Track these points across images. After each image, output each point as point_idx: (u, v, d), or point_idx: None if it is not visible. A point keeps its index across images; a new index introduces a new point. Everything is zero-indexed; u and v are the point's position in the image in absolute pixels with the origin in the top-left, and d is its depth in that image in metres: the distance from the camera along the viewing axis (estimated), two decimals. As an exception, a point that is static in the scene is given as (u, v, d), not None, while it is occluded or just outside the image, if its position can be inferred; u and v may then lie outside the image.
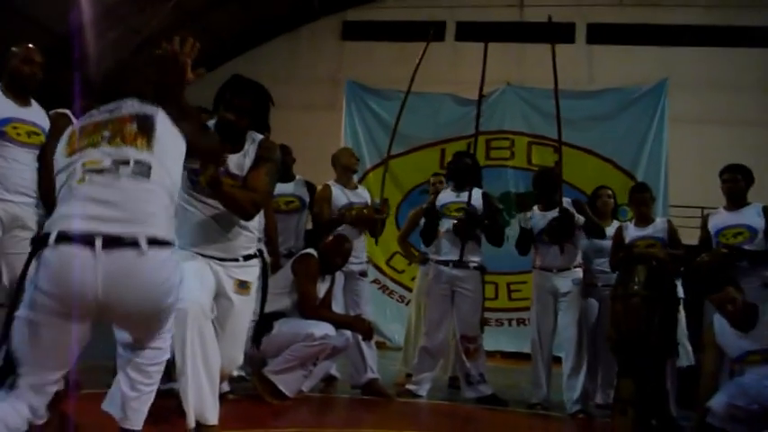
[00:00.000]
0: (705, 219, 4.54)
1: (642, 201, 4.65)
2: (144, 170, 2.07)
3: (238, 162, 2.77)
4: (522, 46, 11.56)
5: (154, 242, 1.99)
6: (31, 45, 3.47)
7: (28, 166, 3.39)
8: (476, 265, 4.79)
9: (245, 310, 2.87)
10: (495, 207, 5.03)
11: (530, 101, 8.33)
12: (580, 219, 4.64)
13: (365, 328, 4.41)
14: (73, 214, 1.98)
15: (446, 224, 4.81)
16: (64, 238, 1.93)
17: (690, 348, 5.18)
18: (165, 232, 2.06)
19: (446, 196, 4.94)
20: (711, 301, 3.83)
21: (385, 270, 8.10)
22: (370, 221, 4.82)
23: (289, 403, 3.93)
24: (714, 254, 4.17)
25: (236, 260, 2.79)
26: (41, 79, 3.44)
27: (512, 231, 7.71)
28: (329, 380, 4.85)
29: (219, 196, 2.66)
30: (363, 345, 4.62)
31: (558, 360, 4.77)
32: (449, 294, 4.79)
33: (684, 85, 10.08)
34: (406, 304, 8.38)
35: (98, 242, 1.91)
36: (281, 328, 4.03)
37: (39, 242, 1.98)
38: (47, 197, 3.44)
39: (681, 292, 4.71)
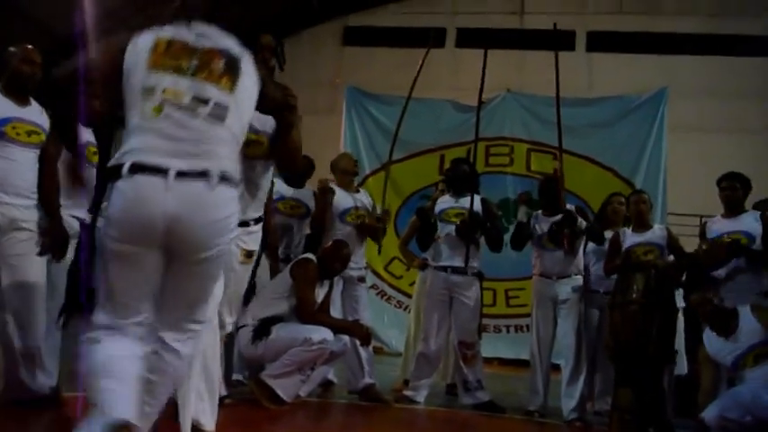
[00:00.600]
0: (703, 227, 4.55)
1: (639, 209, 4.65)
2: (221, 113, 2.09)
3: (259, 117, 2.65)
4: (522, 53, 11.60)
5: (223, 178, 2.04)
6: (30, 45, 3.46)
7: (28, 167, 3.38)
8: (474, 271, 4.79)
9: (246, 276, 3.01)
10: (494, 213, 5.05)
11: (529, 108, 8.35)
12: (582, 223, 4.66)
13: (363, 334, 4.40)
14: (147, 148, 2.01)
15: (445, 230, 4.81)
16: (138, 168, 1.98)
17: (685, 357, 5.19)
18: (233, 171, 2.09)
19: (444, 202, 4.95)
20: (691, 302, 3.85)
21: (383, 275, 8.10)
22: (372, 230, 4.83)
23: (286, 408, 3.91)
24: (716, 243, 4.17)
25: (248, 224, 2.82)
26: (41, 79, 3.42)
27: (509, 238, 7.74)
28: (327, 385, 4.85)
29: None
30: (361, 350, 4.62)
31: (556, 367, 4.77)
32: (447, 300, 4.79)
33: (684, 93, 10.10)
34: (404, 310, 8.38)
35: (171, 172, 1.97)
36: (279, 332, 4.02)
37: (110, 174, 2.03)
38: (48, 197, 3.45)
39: (680, 301, 4.71)
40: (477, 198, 4.84)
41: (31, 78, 3.41)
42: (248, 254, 2.95)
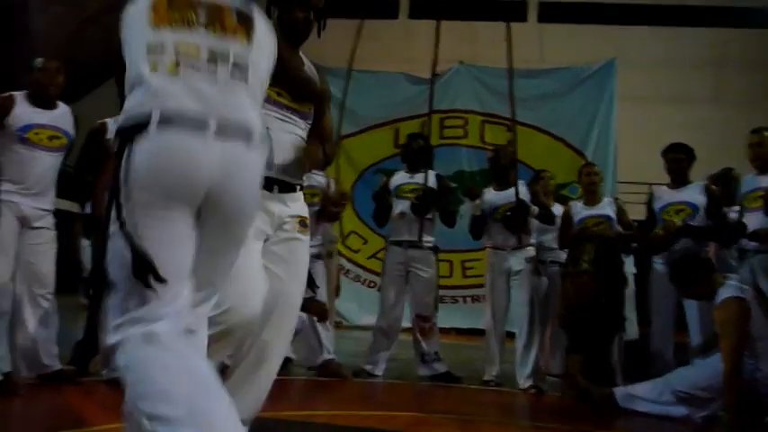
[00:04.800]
0: (650, 197, 4.68)
1: (591, 180, 4.75)
2: (242, 73, 1.79)
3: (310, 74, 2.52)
4: (474, 24, 11.60)
5: (256, 142, 1.75)
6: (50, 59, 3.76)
7: (50, 170, 3.69)
8: (430, 245, 4.84)
9: (307, 249, 2.58)
10: (448, 188, 5.09)
11: (482, 80, 8.40)
12: (534, 209, 4.72)
13: (319, 311, 4.42)
14: (175, 94, 1.65)
15: (400, 205, 4.83)
16: (169, 120, 1.62)
17: (635, 322, 5.37)
18: (262, 133, 1.79)
19: (400, 178, 4.96)
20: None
21: (341, 250, 8.12)
22: (331, 215, 4.80)
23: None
24: (667, 227, 4.29)
25: (294, 190, 2.50)
26: (63, 84, 3.77)
27: (465, 209, 7.82)
28: (285, 362, 4.85)
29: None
30: (318, 326, 4.64)
31: (510, 336, 4.87)
32: (404, 275, 4.83)
33: (634, 63, 10.27)
34: (362, 283, 8.45)
35: (211, 126, 1.64)
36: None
37: (132, 128, 1.63)
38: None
39: (631, 267, 4.86)
40: (432, 173, 4.86)
41: (48, 87, 3.70)
42: (302, 222, 2.52)
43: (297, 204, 2.52)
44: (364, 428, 3.17)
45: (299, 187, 2.52)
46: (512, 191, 4.67)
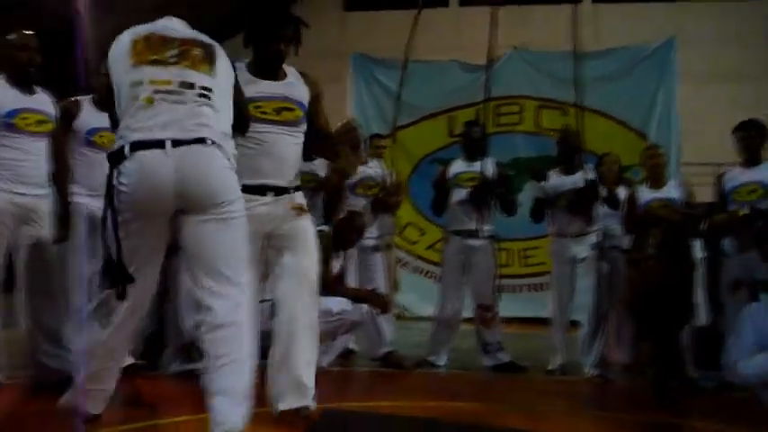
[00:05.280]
0: (719, 177, 4.50)
1: (655, 163, 4.60)
2: (206, 95, 2.32)
3: (286, 88, 2.95)
4: (526, 9, 11.37)
5: (215, 145, 2.27)
6: (26, 31, 3.46)
7: (40, 156, 3.43)
8: (489, 234, 4.78)
9: (310, 228, 2.96)
10: (507, 176, 5.02)
11: (536, 64, 8.25)
12: (602, 191, 4.61)
13: (381, 302, 4.42)
14: (143, 127, 2.22)
15: (458, 194, 4.79)
16: (138, 146, 2.20)
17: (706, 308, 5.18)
18: (224, 146, 2.31)
19: (457, 166, 4.91)
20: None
21: (398, 242, 8.12)
22: (386, 206, 4.83)
23: (323, 377, 3.96)
24: (731, 215, 4.13)
25: (288, 191, 2.91)
26: (41, 64, 3.46)
27: (523, 197, 7.71)
28: (348, 354, 4.90)
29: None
30: (380, 318, 4.66)
31: (574, 324, 4.78)
32: (463, 265, 4.79)
33: (693, 41, 9.89)
34: (421, 274, 8.43)
35: (168, 143, 2.19)
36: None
37: (113, 158, 2.24)
38: (61, 183, 3.49)
39: (700, 252, 4.69)
40: (490, 161, 4.80)
41: (29, 65, 3.42)
42: (297, 207, 2.93)
43: (290, 197, 2.92)
44: (429, 419, 3.15)
45: (293, 189, 2.93)
46: (578, 175, 4.57)
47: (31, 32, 3.44)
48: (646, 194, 4.53)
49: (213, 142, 2.26)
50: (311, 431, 2.63)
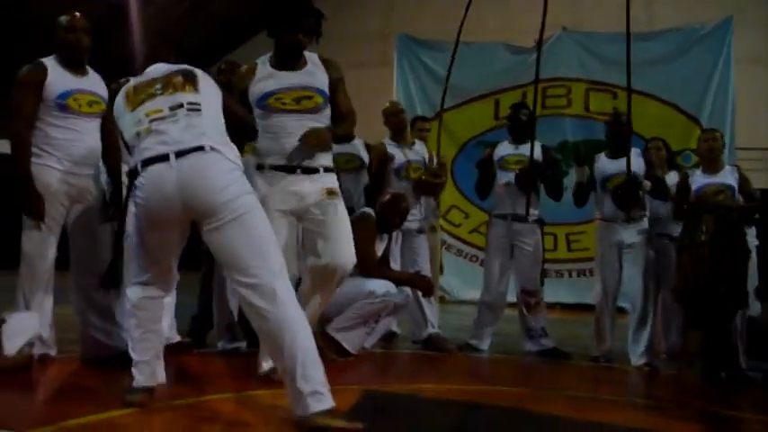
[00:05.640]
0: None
1: (711, 147, 4.46)
2: (196, 107, 2.58)
3: (304, 77, 3.15)
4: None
5: (214, 149, 2.48)
6: (75, 12, 3.52)
7: (92, 136, 3.49)
8: (535, 218, 4.72)
9: (343, 211, 3.18)
10: (554, 160, 4.94)
11: (586, 46, 8.09)
12: (647, 184, 4.48)
13: (425, 285, 4.42)
14: (148, 147, 2.51)
15: (505, 178, 4.73)
16: (147, 162, 2.48)
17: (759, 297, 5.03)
18: (223, 150, 2.51)
19: (504, 149, 4.85)
20: None
21: (442, 224, 8.10)
22: (429, 188, 4.81)
23: (352, 360, 3.99)
24: None
25: (317, 171, 3.13)
26: (89, 45, 3.52)
27: (570, 182, 7.58)
28: (391, 336, 4.92)
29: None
30: (423, 300, 4.65)
31: (620, 311, 4.70)
32: (508, 248, 4.75)
33: (749, 21, 9.56)
34: (464, 257, 8.40)
35: (171, 156, 2.44)
36: (342, 286, 4.07)
37: (131, 176, 2.55)
38: (113, 166, 3.56)
39: (753, 240, 4.55)
40: (537, 144, 4.72)
41: (78, 46, 3.47)
42: (330, 192, 3.12)
43: (322, 180, 3.14)
44: (470, 403, 3.15)
45: (322, 168, 3.14)
46: (624, 161, 4.45)
47: (78, 14, 3.49)
48: (700, 179, 4.41)
49: (212, 148, 2.47)
50: (353, 411, 2.65)
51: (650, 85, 7.67)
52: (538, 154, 4.70)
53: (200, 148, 2.46)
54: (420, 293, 4.54)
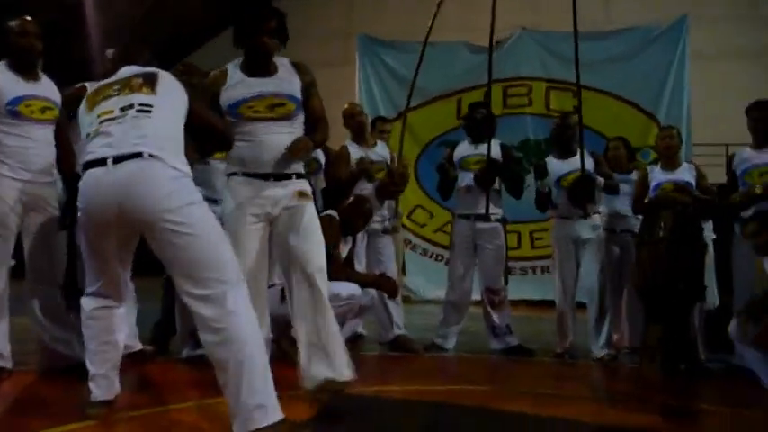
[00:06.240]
0: (731, 158, 4.45)
1: (668, 144, 4.55)
2: (146, 109, 2.50)
3: (276, 84, 3.07)
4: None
5: (154, 157, 2.38)
6: (26, 17, 3.43)
7: (45, 143, 3.41)
8: (497, 217, 4.75)
9: (313, 213, 3.07)
10: (513, 158, 4.98)
11: (546, 45, 8.17)
12: (600, 181, 4.57)
13: (390, 286, 4.41)
14: (91, 150, 2.46)
15: (466, 178, 4.76)
16: (87, 166, 2.44)
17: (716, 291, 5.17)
18: (166, 155, 2.40)
19: (463, 149, 4.87)
20: (745, 234, 3.79)
21: (407, 224, 8.11)
22: (389, 192, 4.80)
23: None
24: (746, 194, 4.09)
25: (290, 177, 3.05)
26: (42, 50, 3.44)
27: (532, 179, 7.65)
28: (357, 338, 4.91)
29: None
30: (389, 302, 4.65)
31: (581, 306, 4.77)
32: (471, 248, 4.78)
33: (703, 19, 9.76)
34: (429, 257, 8.42)
35: (109, 161, 2.38)
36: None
37: (75, 180, 2.53)
38: (67, 171, 3.48)
39: (711, 234, 4.66)
40: (495, 143, 4.76)
41: (30, 51, 3.39)
42: (301, 193, 3.05)
43: (293, 185, 3.06)
44: (439, 403, 3.16)
45: (294, 175, 3.07)
46: (575, 158, 4.53)
47: (29, 18, 3.41)
48: (658, 176, 4.49)
49: (151, 155, 2.37)
50: (320, 415, 2.64)
51: (609, 84, 7.79)
52: (497, 153, 4.73)
53: (138, 155, 2.36)
54: (385, 295, 4.54)
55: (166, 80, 2.63)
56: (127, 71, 2.69)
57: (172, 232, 2.30)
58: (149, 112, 2.49)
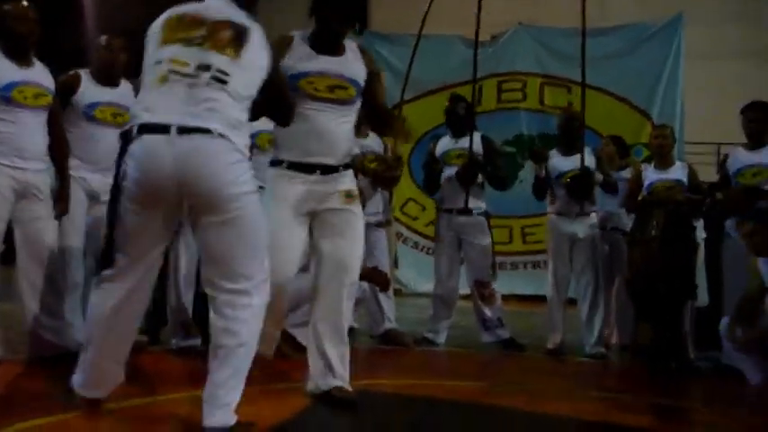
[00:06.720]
0: (724, 158, 4.47)
1: (661, 143, 4.56)
2: (222, 78, 2.21)
3: (342, 65, 2.87)
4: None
5: (223, 137, 2.17)
6: (23, 2, 3.39)
7: (37, 130, 3.38)
8: (480, 211, 4.75)
9: (359, 217, 2.91)
10: (495, 150, 4.95)
11: (542, 41, 8.14)
12: (598, 177, 4.58)
13: (382, 280, 4.40)
14: (151, 108, 2.19)
15: (447, 172, 4.75)
16: (144, 129, 2.16)
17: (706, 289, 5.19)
18: (234, 136, 2.19)
19: (445, 144, 4.86)
20: (742, 234, 3.81)
21: (399, 217, 8.08)
22: (386, 180, 4.77)
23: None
24: (733, 192, 4.12)
25: (337, 170, 2.84)
26: (38, 36, 3.40)
27: (525, 174, 7.65)
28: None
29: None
30: (381, 295, 4.65)
31: (572, 303, 4.78)
32: (455, 242, 4.79)
33: (698, 18, 9.77)
34: (421, 250, 8.41)
35: (173, 129, 2.12)
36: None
37: (124, 138, 2.21)
38: (60, 160, 3.46)
39: (701, 232, 4.68)
40: (477, 136, 4.74)
41: (28, 37, 3.36)
42: (347, 194, 2.86)
43: (342, 181, 2.86)
44: (429, 398, 3.16)
45: (341, 167, 2.86)
46: (577, 157, 4.52)
47: (26, 2, 3.37)
48: (651, 175, 4.50)
49: (221, 134, 2.16)
50: (307, 410, 2.64)
51: (603, 80, 7.76)
52: (478, 145, 4.72)
53: (207, 131, 2.14)
54: (377, 288, 4.53)
55: (255, 42, 2.31)
56: (216, 8, 2.33)
57: (223, 222, 2.18)
58: (225, 82, 2.21)
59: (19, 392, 2.96)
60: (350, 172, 2.93)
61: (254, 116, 2.42)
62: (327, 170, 2.82)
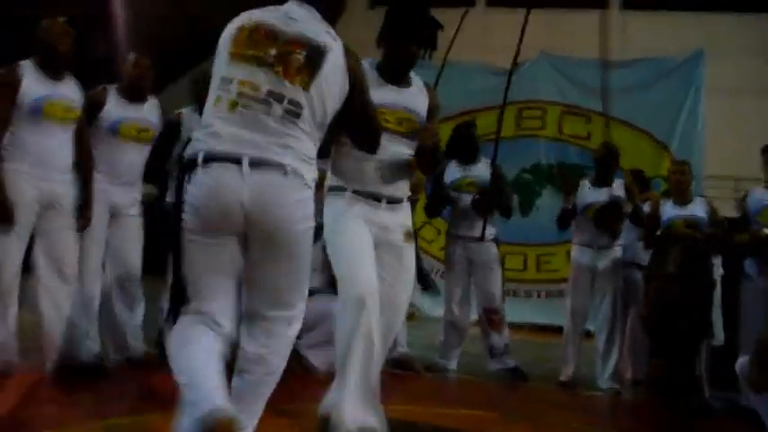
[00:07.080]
0: (744, 196, 4.44)
1: (679, 180, 4.55)
2: (295, 111, 2.07)
3: (411, 98, 2.82)
4: (554, 13, 11.28)
5: (296, 174, 2.04)
6: (63, 18, 3.47)
7: (65, 144, 3.44)
8: (490, 237, 4.76)
9: (413, 258, 2.85)
10: (501, 175, 4.95)
11: (563, 70, 8.17)
12: (627, 208, 4.57)
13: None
14: (220, 135, 2.03)
15: (462, 199, 4.78)
16: (212, 158, 2.00)
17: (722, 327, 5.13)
18: (305, 171, 2.08)
19: (453, 172, 4.88)
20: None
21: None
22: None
23: (320, 377, 3.96)
24: (754, 234, 4.09)
25: (401, 201, 2.82)
26: (71, 52, 3.48)
27: (541, 203, 7.64)
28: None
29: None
30: (393, 319, 4.64)
31: (587, 334, 4.74)
32: (466, 267, 4.79)
33: (719, 53, 9.75)
34: (435, 274, 8.39)
35: (245, 161, 1.98)
36: (314, 304, 4.03)
37: (186, 166, 2.04)
38: (86, 173, 3.52)
39: (719, 269, 4.64)
40: (485, 162, 4.79)
41: (67, 54, 3.43)
42: (408, 234, 2.81)
43: (403, 213, 2.82)
44: (437, 426, 3.14)
45: (405, 199, 2.83)
46: (607, 189, 4.53)
47: (64, 18, 3.45)
48: (670, 211, 4.48)
49: (294, 170, 2.04)
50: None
51: (622, 112, 7.75)
52: (486, 172, 4.75)
53: (281, 167, 2.02)
54: (390, 312, 4.52)
55: (331, 64, 2.13)
56: (295, 20, 2.15)
57: (282, 255, 2.08)
58: (298, 116, 2.07)
59: (33, 401, 2.97)
60: (409, 207, 2.91)
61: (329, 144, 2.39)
62: (392, 201, 2.79)
